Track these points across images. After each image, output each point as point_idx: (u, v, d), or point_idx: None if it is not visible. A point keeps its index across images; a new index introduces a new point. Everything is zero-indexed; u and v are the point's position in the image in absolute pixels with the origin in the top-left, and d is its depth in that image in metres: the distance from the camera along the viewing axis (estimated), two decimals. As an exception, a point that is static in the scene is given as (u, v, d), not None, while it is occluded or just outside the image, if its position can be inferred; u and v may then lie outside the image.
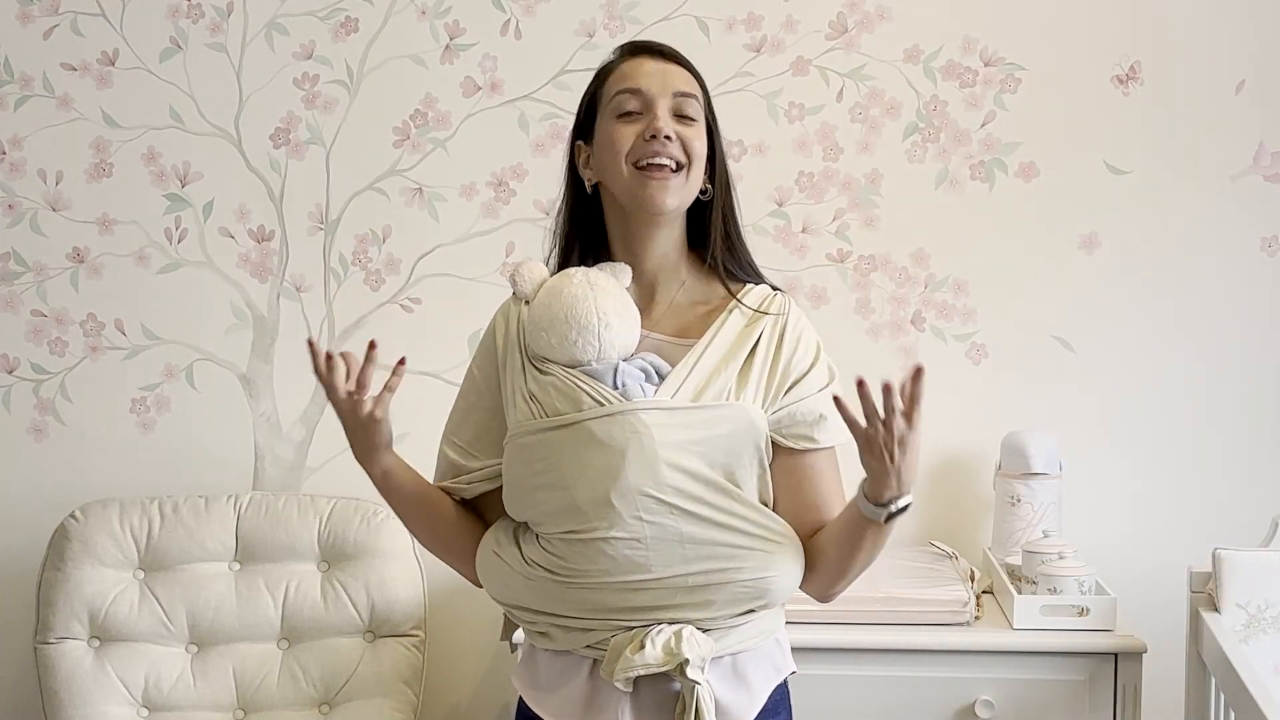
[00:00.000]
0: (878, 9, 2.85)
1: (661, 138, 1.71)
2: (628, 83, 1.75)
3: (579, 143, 1.81)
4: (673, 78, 1.75)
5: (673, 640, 1.65)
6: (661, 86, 1.74)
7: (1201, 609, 2.41)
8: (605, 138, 1.75)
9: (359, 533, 2.78)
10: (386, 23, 2.93)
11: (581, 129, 1.81)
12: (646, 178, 1.72)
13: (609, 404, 1.67)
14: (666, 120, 1.72)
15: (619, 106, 1.75)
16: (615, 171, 1.74)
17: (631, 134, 1.73)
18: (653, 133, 1.71)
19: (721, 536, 1.67)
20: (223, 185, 2.97)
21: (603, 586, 1.67)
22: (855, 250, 2.88)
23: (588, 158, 1.80)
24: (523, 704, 1.80)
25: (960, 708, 2.38)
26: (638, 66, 1.76)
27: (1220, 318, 2.82)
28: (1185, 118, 2.81)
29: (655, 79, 1.75)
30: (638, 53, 1.79)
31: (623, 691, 1.68)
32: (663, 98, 1.74)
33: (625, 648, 1.66)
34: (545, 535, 1.70)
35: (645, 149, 1.72)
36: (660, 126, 1.71)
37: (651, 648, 1.64)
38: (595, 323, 1.70)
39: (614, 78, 1.77)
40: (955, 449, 2.87)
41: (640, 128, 1.73)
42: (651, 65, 1.76)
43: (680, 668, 1.65)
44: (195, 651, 2.77)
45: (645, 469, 1.65)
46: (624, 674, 1.65)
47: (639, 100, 1.74)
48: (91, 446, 3.01)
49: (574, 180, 1.82)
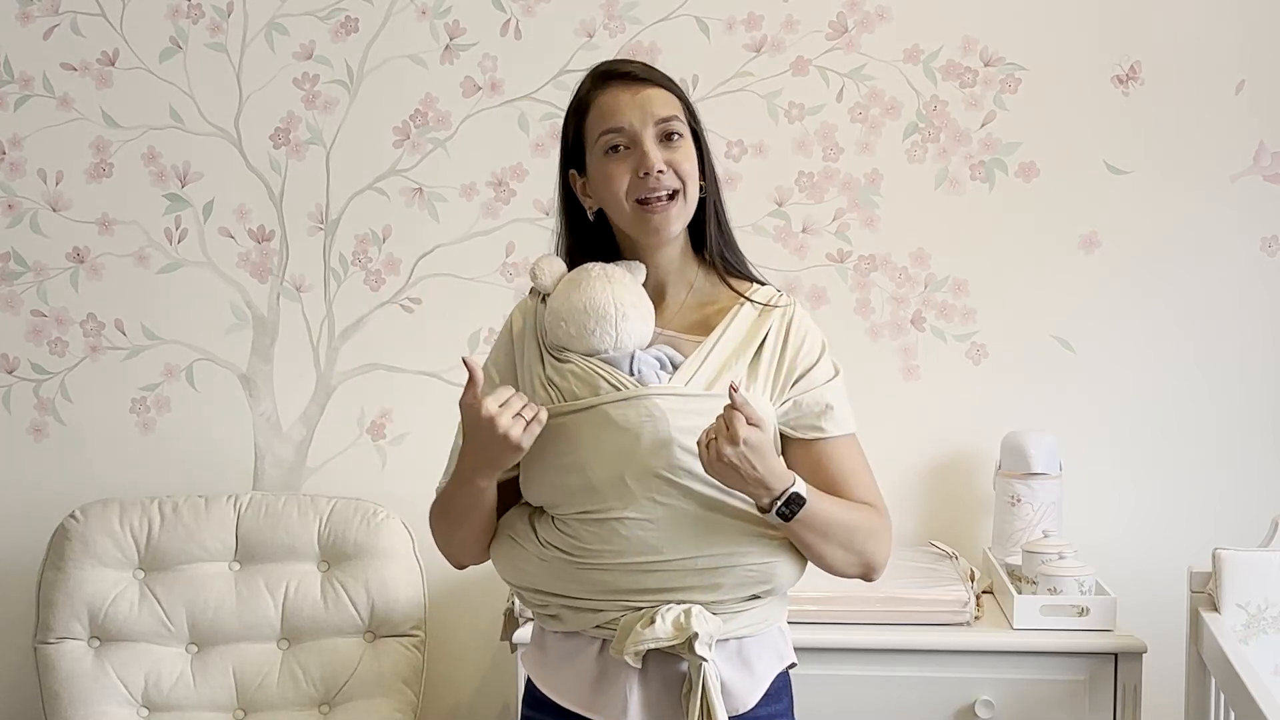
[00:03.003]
0: (878, 9, 2.85)
1: (655, 173, 1.75)
2: (610, 122, 1.77)
3: (572, 172, 1.85)
4: (652, 104, 1.78)
5: (682, 617, 1.70)
6: (643, 118, 1.77)
7: (1201, 609, 2.41)
8: (600, 176, 1.79)
9: (359, 533, 2.78)
10: (386, 23, 2.93)
11: (571, 159, 1.85)
12: (648, 213, 1.77)
13: (625, 389, 1.73)
14: (655, 154, 1.76)
15: (605, 145, 1.78)
16: (616, 208, 1.79)
17: (625, 171, 1.77)
18: (645, 170, 1.75)
19: (730, 520, 1.72)
20: (223, 185, 2.97)
21: (615, 567, 1.71)
22: (855, 250, 2.88)
23: (584, 186, 1.84)
24: (531, 687, 1.83)
25: (960, 708, 2.38)
26: (614, 101, 1.78)
27: (1220, 318, 2.82)
28: (1185, 118, 2.81)
29: (634, 112, 1.77)
30: (609, 81, 1.80)
31: (632, 668, 1.72)
32: (646, 129, 1.77)
33: (635, 624, 1.70)
34: (561, 516, 1.75)
35: (642, 186, 1.76)
36: (651, 164, 1.75)
37: (661, 623, 1.69)
38: (613, 313, 1.76)
39: (593, 116, 1.79)
40: (955, 449, 2.87)
41: (632, 164, 1.76)
42: (626, 96, 1.78)
43: (689, 644, 1.69)
44: (195, 651, 2.77)
45: (659, 451, 1.70)
46: (634, 648, 1.69)
47: (624, 137, 1.77)
48: (91, 446, 3.01)
49: (571, 205, 1.86)
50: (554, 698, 1.78)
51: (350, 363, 2.98)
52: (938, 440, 2.88)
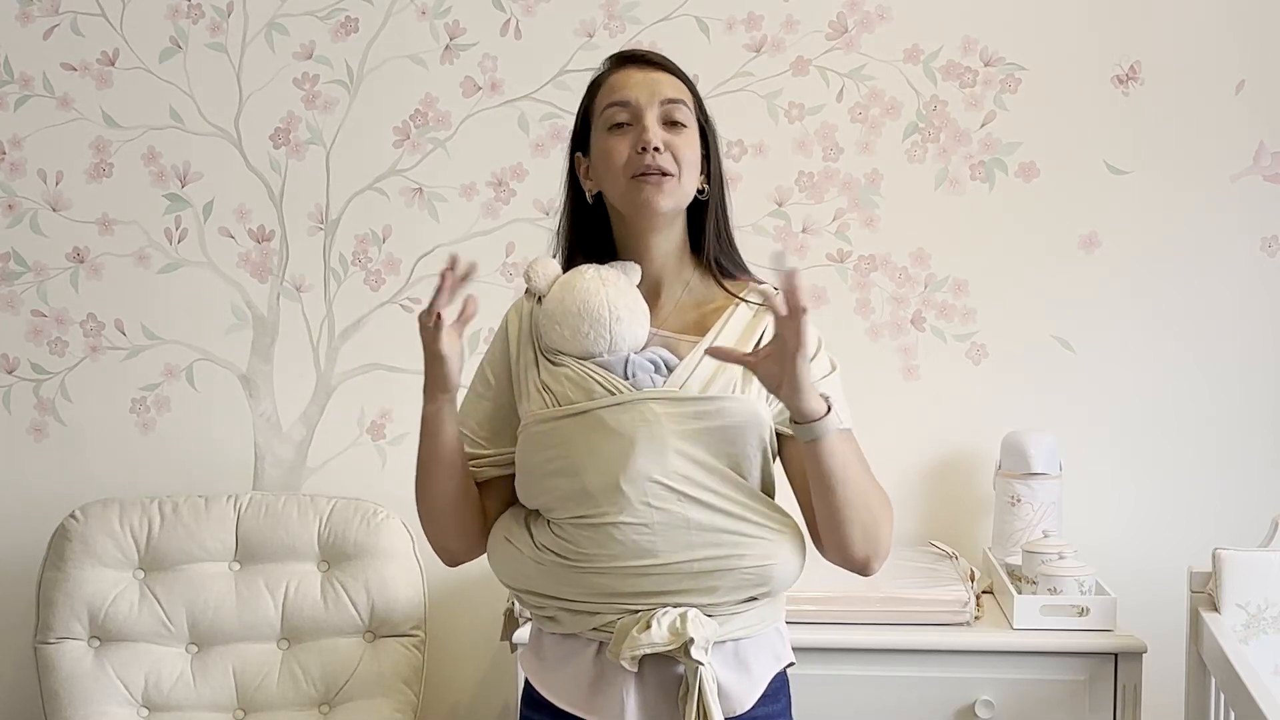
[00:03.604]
0: (878, 9, 2.85)
1: (651, 150, 1.76)
2: (616, 95, 1.80)
3: (578, 154, 1.87)
4: (660, 85, 1.80)
5: (678, 621, 1.69)
6: (649, 96, 1.79)
7: (1201, 609, 2.41)
8: (600, 151, 1.81)
9: (359, 533, 2.78)
10: (386, 23, 2.93)
11: (579, 141, 1.87)
12: (641, 182, 1.77)
13: (620, 393, 1.73)
14: (655, 131, 1.77)
15: (610, 119, 1.80)
16: (613, 183, 1.80)
17: (624, 146, 1.78)
18: (643, 145, 1.76)
19: (727, 524, 1.71)
20: (223, 185, 2.97)
21: (611, 571, 1.71)
22: (855, 250, 2.88)
23: (586, 169, 1.85)
24: (529, 687, 1.84)
25: (960, 708, 2.38)
26: (625, 78, 1.81)
27: (1220, 318, 2.82)
28: (1185, 118, 2.81)
29: (642, 89, 1.79)
30: (625, 63, 1.84)
31: (628, 672, 1.72)
32: (650, 107, 1.78)
33: (632, 628, 1.70)
34: (556, 520, 1.75)
35: (638, 161, 1.76)
36: (649, 139, 1.76)
37: (658, 628, 1.68)
38: (607, 315, 1.75)
39: (603, 91, 1.83)
40: (955, 449, 2.87)
41: (633, 139, 1.77)
42: (638, 75, 1.81)
43: (685, 648, 1.68)
44: (195, 651, 2.77)
45: (654, 456, 1.70)
46: (630, 653, 1.69)
47: (628, 112, 1.79)
48: (91, 446, 3.01)
49: (575, 190, 1.88)
50: (551, 699, 1.78)
51: (350, 363, 2.98)
52: (938, 440, 2.88)
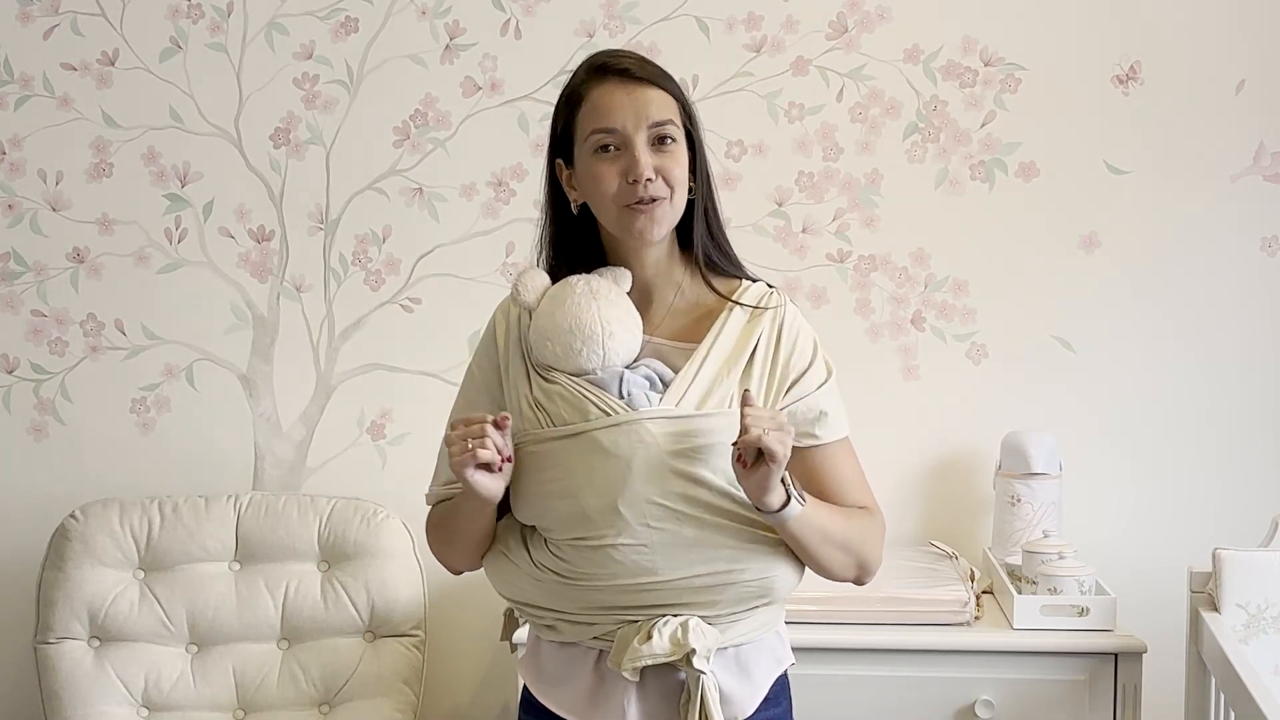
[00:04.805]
0: (878, 9, 2.84)
1: (644, 181, 1.70)
2: (602, 122, 1.72)
3: (559, 161, 1.80)
4: (647, 107, 1.72)
5: (679, 631, 1.68)
6: (635, 121, 1.71)
7: (1201, 609, 2.41)
8: (588, 175, 1.74)
9: (359, 533, 2.78)
10: (386, 23, 2.93)
11: (559, 148, 1.80)
12: (634, 213, 1.72)
13: (615, 414, 1.69)
14: (646, 161, 1.70)
15: (596, 144, 1.72)
16: (603, 208, 1.75)
17: (613, 174, 1.71)
18: (634, 177, 1.70)
19: (726, 539, 1.69)
20: (223, 185, 2.97)
21: (610, 588, 1.69)
22: (855, 250, 2.88)
23: (569, 177, 1.79)
24: (527, 695, 1.82)
25: (960, 708, 2.38)
26: (609, 98, 1.72)
27: (1220, 318, 2.82)
28: (1185, 118, 2.80)
29: (629, 114, 1.71)
30: (605, 75, 1.74)
31: (629, 681, 1.70)
32: (639, 133, 1.71)
33: (633, 638, 1.68)
34: (553, 540, 1.72)
35: (629, 192, 1.71)
36: (640, 171, 1.70)
37: (659, 638, 1.67)
38: (599, 332, 1.72)
39: (586, 111, 1.74)
40: (955, 449, 2.87)
41: (622, 167, 1.71)
42: (621, 95, 1.72)
43: (687, 658, 1.67)
44: (195, 651, 2.77)
45: (652, 478, 1.67)
46: (631, 664, 1.68)
47: (616, 138, 1.71)
48: (91, 446, 3.01)
49: (556, 196, 1.82)
50: (551, 708, 1.77)
51: (350, 363, 2.98)
52: (938, 440, 2.88)
